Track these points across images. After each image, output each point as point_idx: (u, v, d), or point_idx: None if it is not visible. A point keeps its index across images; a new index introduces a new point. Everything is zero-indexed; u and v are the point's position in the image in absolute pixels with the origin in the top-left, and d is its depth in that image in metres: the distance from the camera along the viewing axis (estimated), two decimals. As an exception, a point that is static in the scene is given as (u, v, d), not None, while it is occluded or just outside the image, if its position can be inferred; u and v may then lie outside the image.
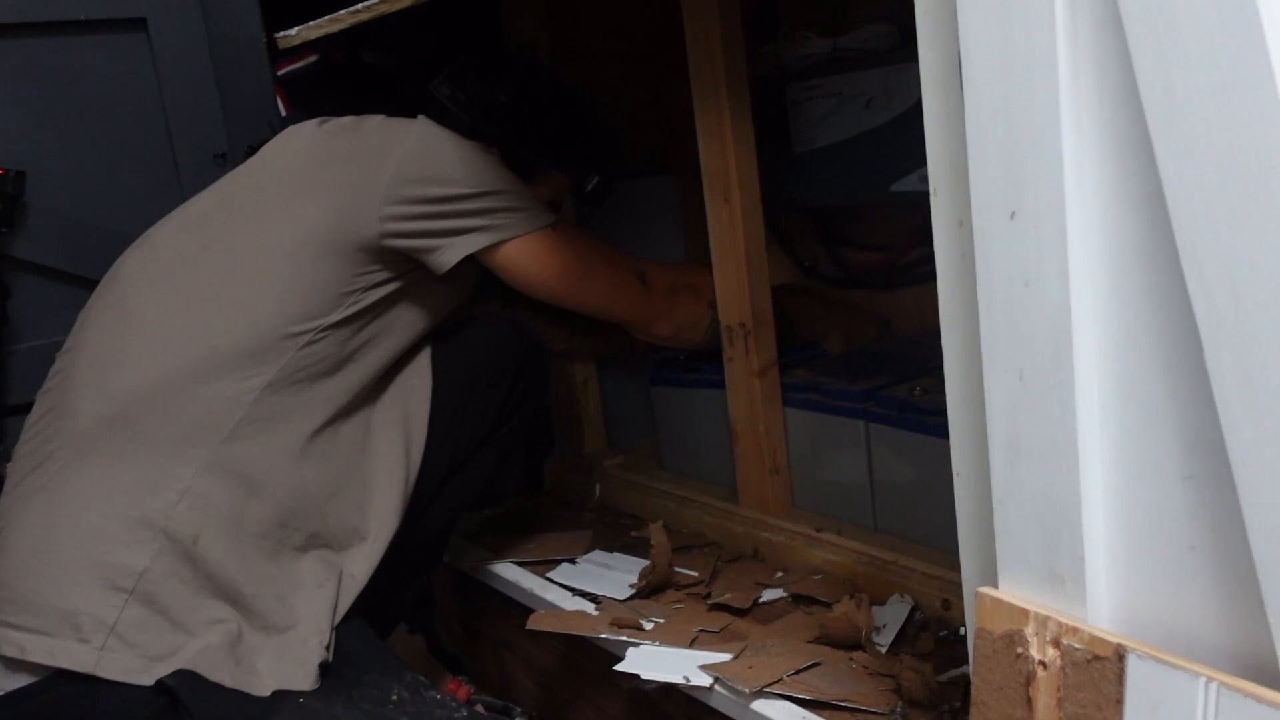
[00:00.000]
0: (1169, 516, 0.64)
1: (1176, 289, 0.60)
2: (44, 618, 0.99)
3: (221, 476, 1.06)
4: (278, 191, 1.16)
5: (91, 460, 1.05)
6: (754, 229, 1.28)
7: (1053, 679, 0.68)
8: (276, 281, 1.11)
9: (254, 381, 1.08)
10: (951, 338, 0.75)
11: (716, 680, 1.02)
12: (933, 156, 0.73)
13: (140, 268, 1.16)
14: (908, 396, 1.22)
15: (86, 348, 1.12)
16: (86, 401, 1.07)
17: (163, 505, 1.03)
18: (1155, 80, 0.58)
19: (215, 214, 1.18)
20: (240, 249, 1.13)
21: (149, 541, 1.02)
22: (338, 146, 1.19)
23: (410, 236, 1.15)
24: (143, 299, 1.12)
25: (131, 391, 1.07)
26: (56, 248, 1.41)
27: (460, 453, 1.27)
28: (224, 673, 1.00)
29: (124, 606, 0.99)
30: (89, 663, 0.97)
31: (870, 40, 1.37)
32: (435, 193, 1.15)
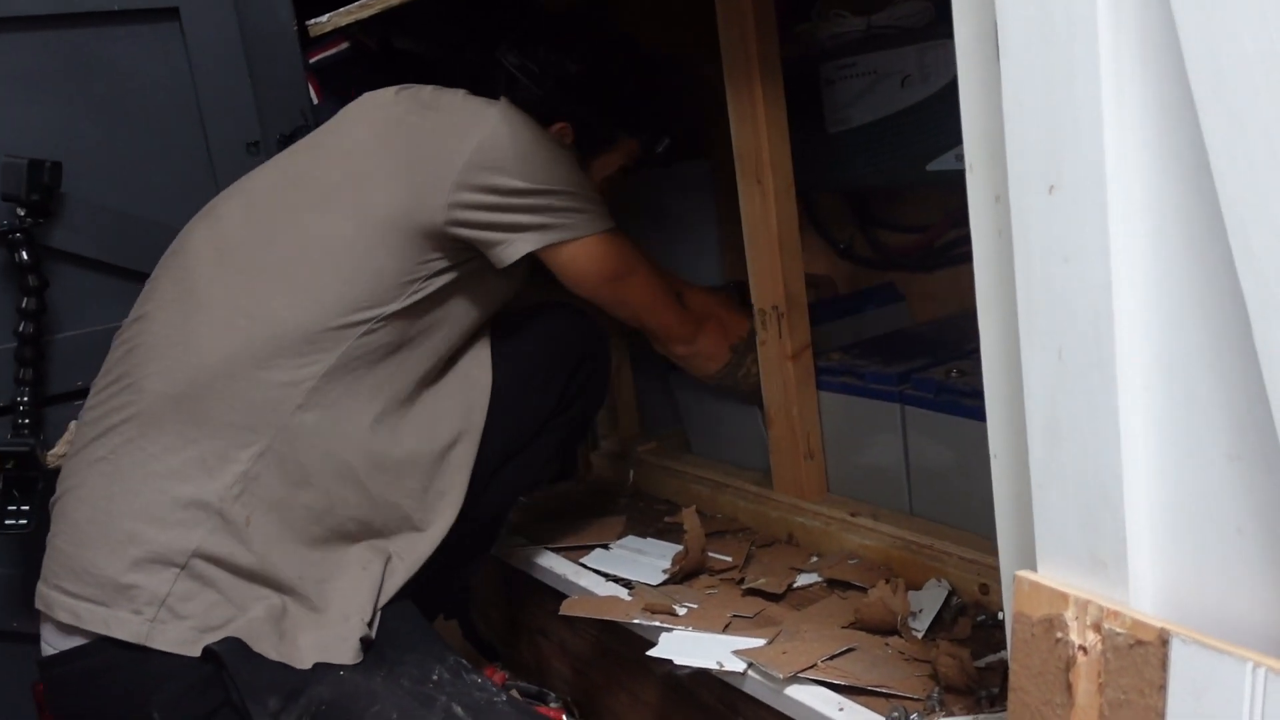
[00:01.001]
0: (1215, 498, 0.62)
1: (1223, 263, 0.58)
2: (99, 587, 1.02)
3: (277, 463, 1.07)
4: (346, 171, 1.16)
5: (153, 437, 1.07)
6: (786, 211, 1.26)
7: (1093, 664, 0.67)
8: (340, 267, 1.11)
9: (313, 369, 1.09)
10: (988, 316, 0.73)
11: (750, 666, 1.01)
12: (968, 131, 0.71)
13: (206, 244, 1.16)
14: (944, 379, 1.20)
15: (154, 323, 1.13)
16: (152, 378, 1.09)
17: (219, 487, 1.05)
18: (1201, 48, 0.56)
19: (282, 191, 1.18)
20: (305, 231, 1.13)
21: (203, 521, 1.04)
22: (412, 124, 1.18)
23: (476, 227, 1.15)
24: (208, 278, 1.13)
25: (196, 372, 1.08)
26: (92, 237, 1.42)
27: (517, 440, 1.28)
28: (268, 644, 1.03)
29: (175, 580, 1.02)
30: (140, 634, 1.00)
31: (905, 17, 1.34)
32: (506, 184, 1.14)
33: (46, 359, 1.38)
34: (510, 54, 1.26)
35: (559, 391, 1.32)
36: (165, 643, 1.01)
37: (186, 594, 1.02)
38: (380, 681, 1.03)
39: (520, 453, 1.29)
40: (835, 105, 1.42)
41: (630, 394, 1.67)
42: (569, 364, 1.31)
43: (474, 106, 1.19)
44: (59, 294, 1.41)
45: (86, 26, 1.41)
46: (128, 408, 1.09)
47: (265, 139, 1.54)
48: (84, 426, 1.12)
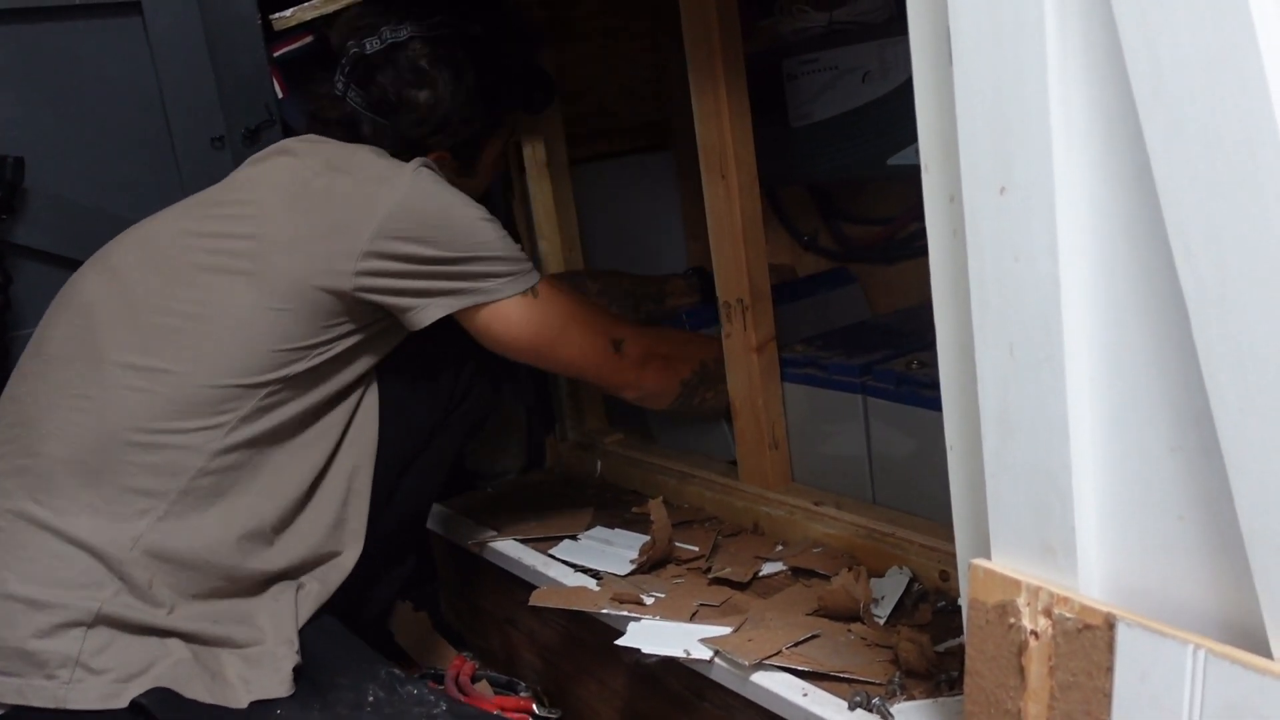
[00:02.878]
0: (1158, 487, 0.65)
1: (1164, 262, 0.60)
2: (6, 659, 0.98)
3: (176, 526, 1.05)
4: (250, 234, 1.12)
5: (47, 502, 1.04)
6: (750, 205, 1.28)
7: (1044, 648, 0.69)
8: (241, 330, 1.08)
9: (215, 433, 1.07)
10: (944, 313, 0.76)
11: (716, 653, 1.03)
12: (924, 132, 0.73)
13: (104, 296, 1.12)
14: (905, 370, 1.22)
15: (49, 381, 1.09)
16: (49, 440, 1.06)
17: (118, 551, 1.02)
18: (1142, 54, 0.58)
19: (183, 249, 1.13)
20: (208, 292, 1.10)
21: (106, 584, 1.01)
22: (319, 189, 1.14)
23: (386, 293, 1.12)
24: (107, 334, 1.09)
25: (94, 435, 1.05)
26: (56, 233, 1.42)
27: (411, 447, 1.26)
28: (199, 687, 1.00)
29: (84, 638, 0.99)
30: (58, 698, 0.97)
31: (866, 13, 1.36)
32: (417, 252, 1.11)
33: (10, 356, 1.38)
34: (351, 91, 1.22)
35: (448, 390, 1.30)
36: (86, 701, 0.97)
37: (99, 648, 0.99)
38: (318, 714, 1.02)
39: (417, 458, 1.28)
40: (798, 100, 1.44)
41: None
42: (453, 359, 1.29)
43: (384, 171, 1.15)
44: (23, 290, 1.40)
45: (48, 21, 1.40)
46: (21, 473, 1.05)
47: (230, 133, 1.53)
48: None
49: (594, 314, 1.29)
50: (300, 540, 1.13)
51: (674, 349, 1.37)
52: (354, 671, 1.08)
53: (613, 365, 1.28)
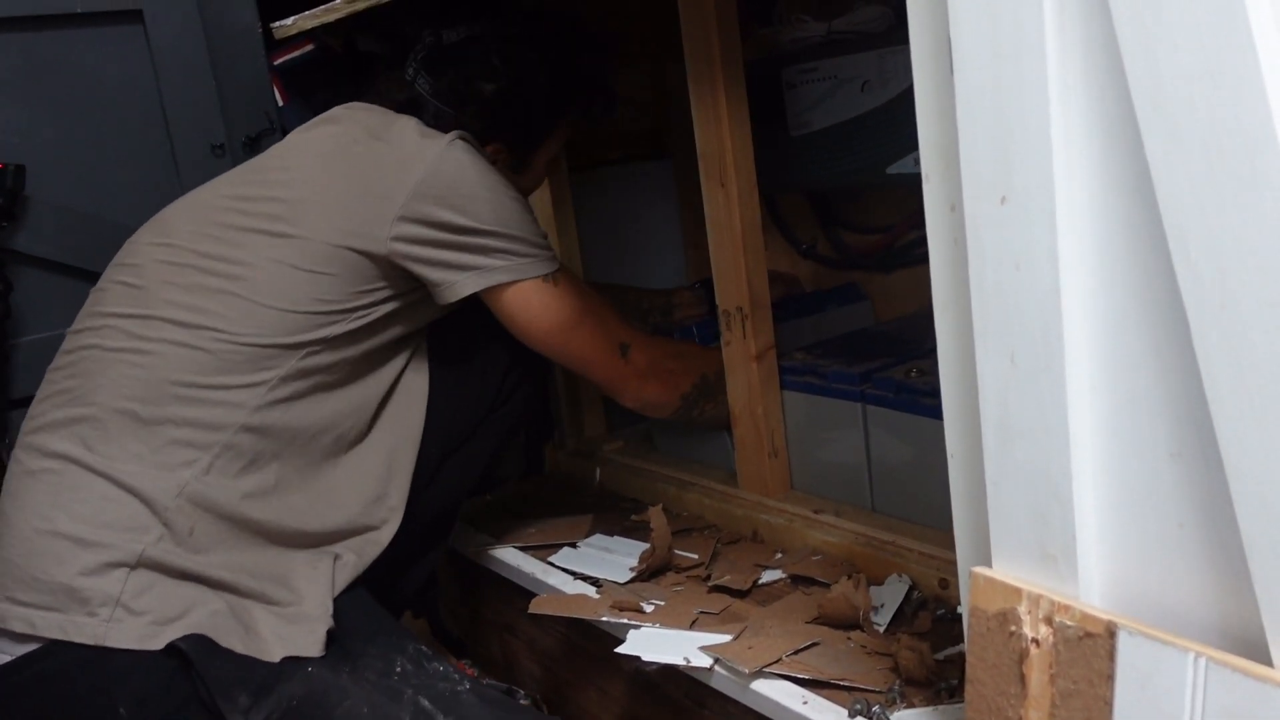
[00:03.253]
0: (1158, 494, 0.65)
1: (1164, 270, 0.60)
2: (52, 594, 1.01)
3: (219, 479, 1.07)
4: (291, 197, 1.15)
5: (99, 449, 1.07)
6: (750, 213, 1.28)
7: (1045, 656, 0.69)
8: (284, 290, 1.11)
9: (257, 390, 1.09)
10: (944, 321, 0.76)
11: (716, 661, 1.03)
12: (924, 142, 0.74)
13: (156, 256, 1.16)
14: (904, 378, 1.23)
15: (105, 334, 1.13)
16: (102, 390, 1.09)
17: (163, 498, 1.05)
18: (1141, 64, 0.58)
19: (230, 211, 1.17)
20: (254, 252, 1.13)
21: (150, 528, 1.04)
22: (358, 154, 1.18)
23: (419, 261, 1.14)
24: (159, 291, 1.13)
25: (145, 386, 1.08)
26: (57, 241, 1.42)
27: (454, 439, 1.29)
28: (234, 638, 1.03)
29: (126, 579, 1.02)
30: (99, 635, 1.00)
31: (865, 23, 1.37)
32: (449, 219, 1.14)
33: (10, 363, 1.38)
34: (420, 78, 1.25)
35: (494, 389, 1.32)
36: (124, 640, 1.00)
37: (140, 589, 1.02)
38: (347, 677, 1.04)
39: (457, 451, 1.30)
40: (797, 109, 1.44)
41: (596, 393, 1.68)
42: (502, 362, 1.31)
43: (422, 140, 1.18)
44: (23, 297, 1.40)
45: (50, 29, 1.41)
46: (75, 422, 1.08)
47: (230, 141, 1.54)
48: (27, 436, 1.11)
49: (608, 314, 1.31)
50: (339, 509, 1.15)
51: (677, 362, 1.37)
52: (383, 643, 1.09)
53: (618, 369, 1.30)
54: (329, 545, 1.15)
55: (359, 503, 1.17)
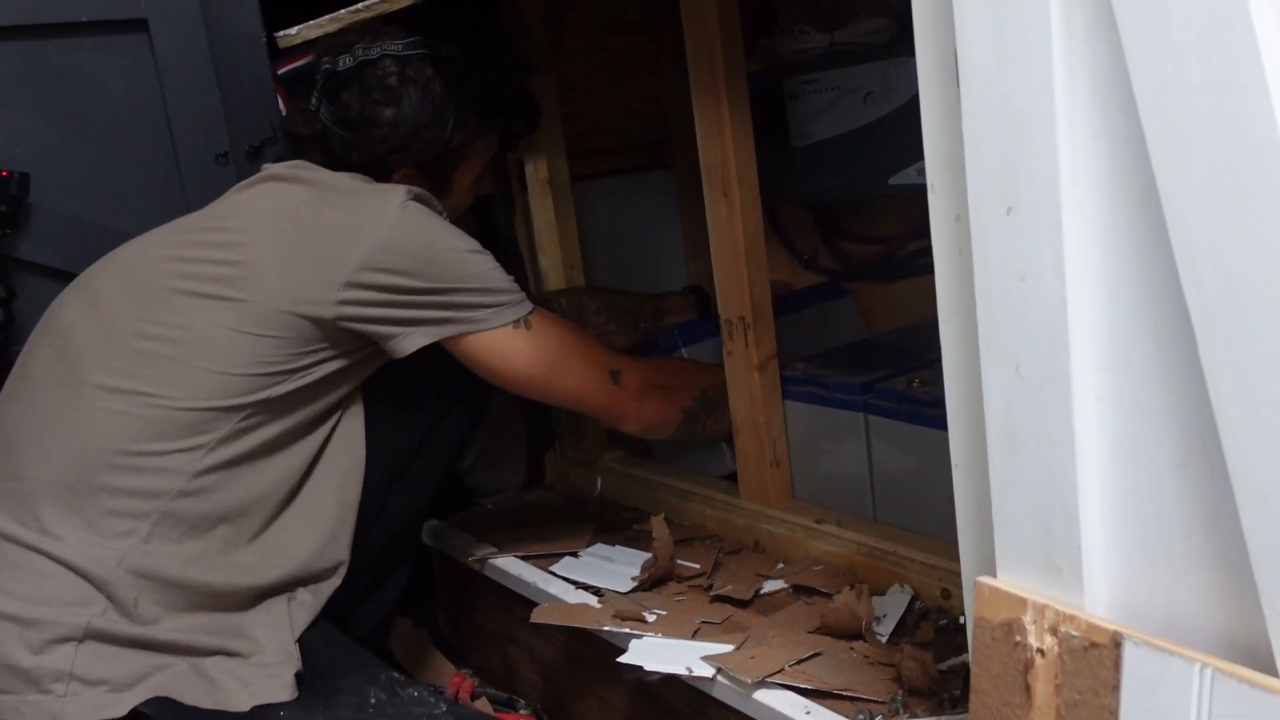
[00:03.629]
0: (1164, 505, 0.65)
1: (1170, 282, 0.61)
2: (1, 677, 0.99)
3: (161, 546, 1.05)
4: (232, 259, 1.12)
5: (32, 525, 1.04)
6: (753, 223, 1.28)
7: (1050, 666, 0.69)
8: (221, 354, 1.09)
9: (194, 454, 1.07)
10: (949, 331, 0.76)
11: (719, 671, 1.03)
12: (930, 153, 0.74)
13: (84, 321, 1.13)
14: (906, 389, 1.23)
15: (33, 405, 1.10)
16: (34, 464, 1.07)
17: (103, 571, 1.02)
18: (1148, 76, 0.59)
19: (162, 273, 1.13)
20: (186, 315, 1.10)
21: (93, 602, 1.02)
22: (305, 217, 1.14)
23: (367, 321, 1.12)
24: (88, 359, 1.10)
25: (78, 459, 1.06)
26: (60, 248, 1.42)
27: (396, 465, 1.26)
28: (199, 694, 1.01)
29: (75, 653, 0.99)
30: (54, 711, 0.97)
31: (868, 34, 1.38)
32: (402, 284, 1.11)
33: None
34: (323, 107, 1.22)
35: (430, 410, 1.30)
36: (81, 714, 0.98)
37: (91, 660, 0.99)
38: (321, 716, 1.02)
39: (401, 478, 1.27)
40: (800, 120, 1.45)
41: (598, 403, 1.68)
42: (433, 380, 1.27)
43: (371, 202, 1.14)
44: (26, 305, 1.40)
45: (55, 38, 1.40)
46: (7, 497, 1.06)
47: (234, 150, 1.54)
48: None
49: (591, 345, 1.28)
50: (287, 557, 1.13)
51: (672, 378, 1.36)
52: (355, 676, 1.08)
53: (612, 397, 1.27)
54: (278, 595, 1.13)
55: (310, 549, 1.15)
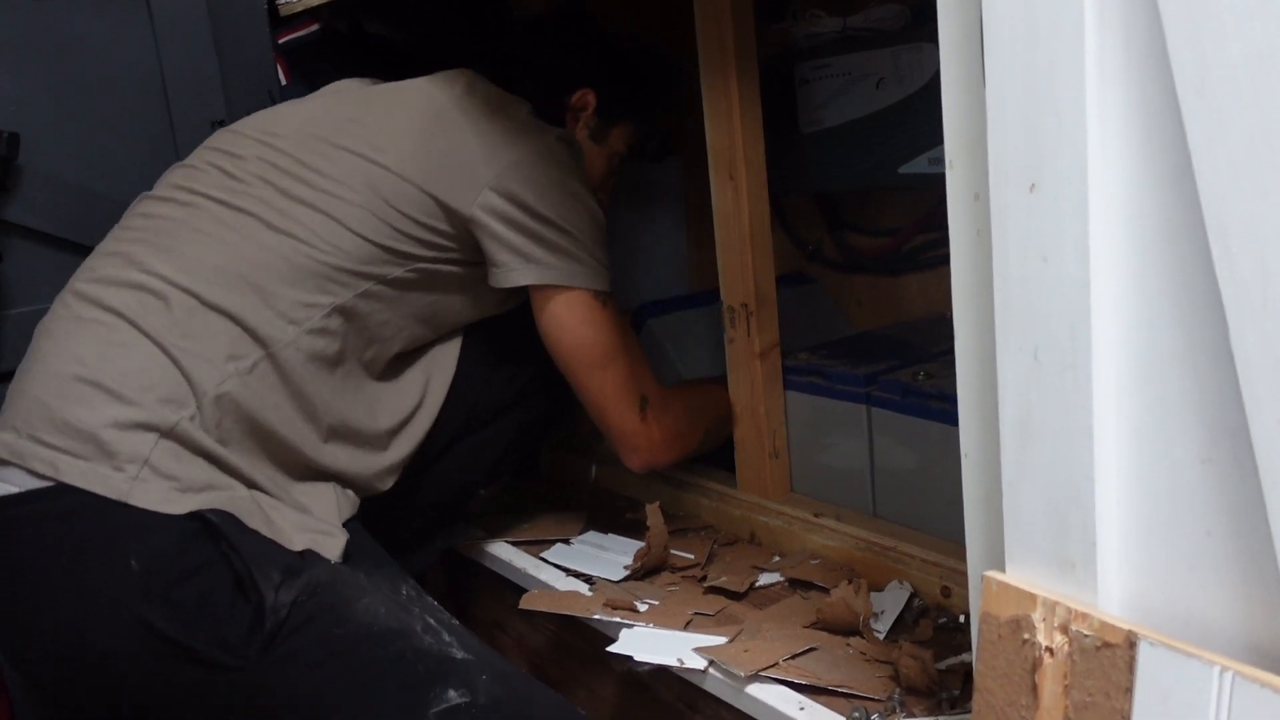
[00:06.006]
0: (1186, 501, 0.62)
1: (1201, 266, 0.58)
2: (80, 441, 0.99)
3: (256, 386, 1.06)
4: (397, 131, 1.17)
5: (154, 319, 1.05)
6: (759, 208, 1.26)
7: (1060, 666, 0.67)
8: (368, 218, 1.12)
9: (311, 311, 1.10)
10: (964, 315, 0.73)
11: (711, 663, 1.01)
12: (949, 128, 0.71)
13: (257, 153, 1.16)
14: (911, 381, 1.20)
15: (187, 213, 1.12)
16: (170, 265, 1.08)
17: (204, 384, 1.03)
18: (1187, 48, 0.56)
19: (338, 132, 1.17)
20: (350, 173, 1.14)
21: (186, 405, 1.02)
22: (468, 114, 1.19)
23: (493, 236, 1.16)
24: (253, 190, 1.13)
25: (216, 276, 1.07)
26: (49, 213, 1.39)
27: (469, 423, 1.29)
28: (258, 522, 1.02)
29: (155, 444, 1.00)
30: (122, 491, 0.98)
31: (881, 20, 1.34)
32: (533, 204, 1.16)
33: (1, 335, 1.35)
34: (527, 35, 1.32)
35: (521, 386, 1.32)
36: (146, 499, 0.98)
37: (167, 456, 1.00)
38: (364, 579, 1.05)
39: (469, 436, 1.30)
40: (809, 106, 1.42)
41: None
42: (529, 362, 1.30)
43: (528, 124, 1.21)
44: (13, 269, 1.37)
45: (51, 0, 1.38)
46: (137, 287, 1.07)
47: (231, 118, 1.51)
48: (81, 284, 1.10)
49: (639, 360, 1.28)
50: (347, 452, 1.15)
51: (689, 422, 1.31)
52: (388, 571, 1.10)
53: (631, 426, 1.25)
54: (325, 481, 1.14)
55: (366, 455, 1.16)
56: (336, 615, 1.00)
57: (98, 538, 0.97)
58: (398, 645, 1.00)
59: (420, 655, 1.00)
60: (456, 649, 1.02)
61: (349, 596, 1.01)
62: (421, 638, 1.01)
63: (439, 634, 1.02)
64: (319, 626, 0.98)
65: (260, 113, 1.24)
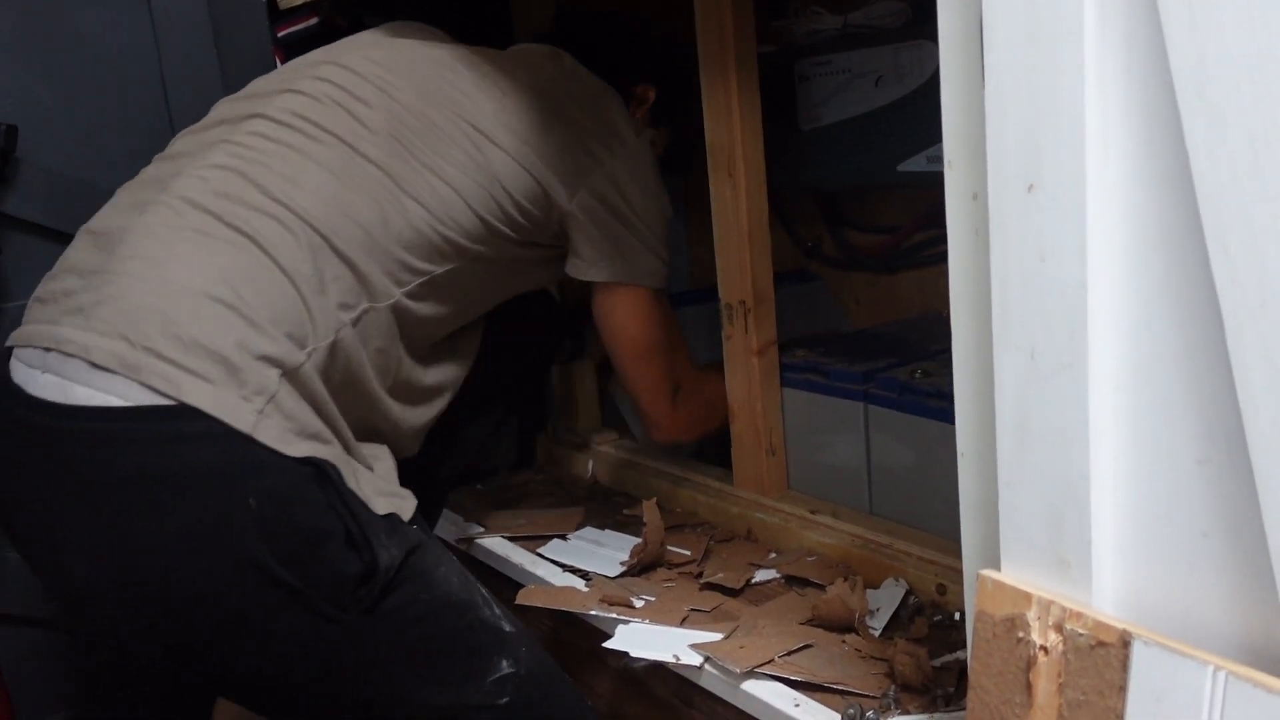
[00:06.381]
0: (1181, 501, 0.62)
1: (1199, 267, 0.58)
2: (210, 362, 0.91)
3: (360, 339, 1.03)
4: (509, 108, 1.15)
5: (285, 251, 0.99)
6: (757, 205, 1.26)
7: (1054, 664, 0.67)
8: (475, 191, 1.11)
9: (427, 269, 1.09)
10: (961, 314, 0.73)
11: (707, 660, 1.01)
12: (948, 127, 0.71)
13: (381, 102, 1.11)
14: (908, 379, 1.20)
15: (312, 144, 1.06)
16: (297, 199, 1.02)
17: (324, 329, 0.99)
18: (1187, 48, 0.56)
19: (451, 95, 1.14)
20: (463, 141, 1.12)
21: (307, 346, 0.98)
22: (570, 111, 1.19)
23: (582, 231, 1.19)
24: (380, 141, 1.08)
25: (342, 221, 1.03)
26: (47, 205, 1.38)
27: (478, 399, 1.29)
28: (348, 477, 0.98)
29: (280, 381, 0.94)
30: (249, 423, 0.91)
31: (881, 17, 1.34)
32: (622, 207, 1.19)
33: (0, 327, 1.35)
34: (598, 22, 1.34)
35: (513, 374, 1.36)
36: (268, 437, 0.91)
37: (288, 397, 0.95)
38: (438, 546, 1.04)
39: (476, 415, 1.33)
40: (809, 103, 1.42)
41: (592, 385, 1.66)
42: (530, 348, 1.34)
43: (625, 124, 1.23)
44: (11, 262, 1.37)
45: (49, -10, 1.37)
46: (261, 212, 1.00)
47: (229, 112, 1.51)
48: (193, 193, 1.00)
49: (680, 349, 1.33)
50: (390, 420, 1.12)
51: (712, 410, 1.37)
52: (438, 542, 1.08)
53: (664, 411, 1.32)
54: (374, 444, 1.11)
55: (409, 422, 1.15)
56: (425, 580, 0.99)
57: (219, 468, 0.90)
58: (469, 616, 1.01)
59: (483, 626, 1.02)
60: (505, 622, 1.03)
61: (431, 563, 1.00)
62: (482, 609, 1.03)
63: (492, 606, 1.04)
64: (411, 590, 0.97)
65: (350, 45, 1.19)
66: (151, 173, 1.10)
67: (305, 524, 0.92)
